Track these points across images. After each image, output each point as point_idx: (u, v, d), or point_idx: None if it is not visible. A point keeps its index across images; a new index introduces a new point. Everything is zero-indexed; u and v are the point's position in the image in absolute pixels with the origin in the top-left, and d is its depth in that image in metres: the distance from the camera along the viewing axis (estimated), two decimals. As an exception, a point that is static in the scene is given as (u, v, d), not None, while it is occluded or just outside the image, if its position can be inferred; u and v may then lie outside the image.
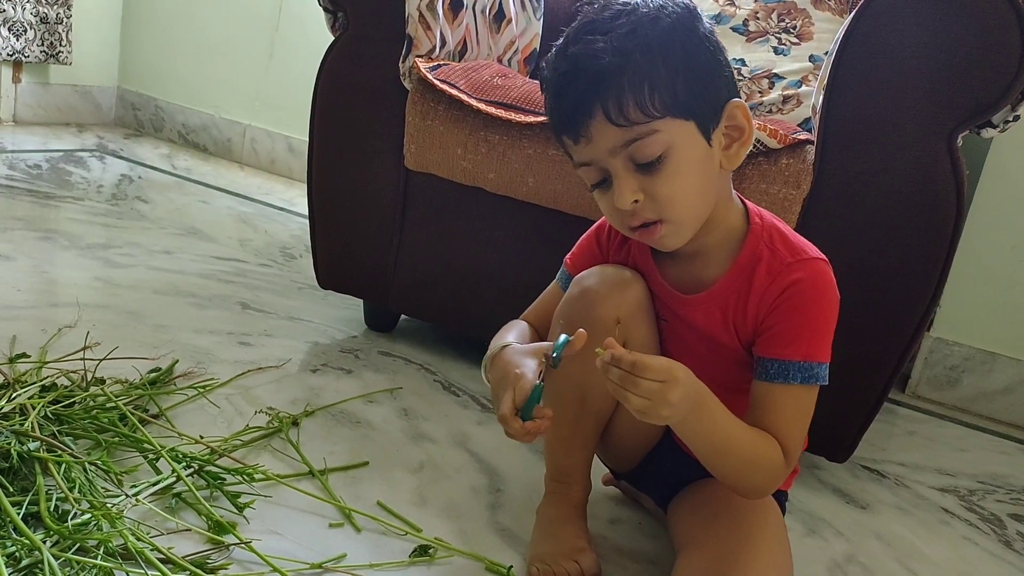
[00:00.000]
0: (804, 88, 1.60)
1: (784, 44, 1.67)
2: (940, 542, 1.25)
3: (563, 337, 0.85)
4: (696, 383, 0.82)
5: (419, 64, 1.40)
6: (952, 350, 1.82)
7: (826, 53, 1.53)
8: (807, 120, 1.53)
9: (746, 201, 0.94)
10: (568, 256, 1.06)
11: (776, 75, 1.64)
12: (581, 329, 0.85)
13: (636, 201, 0.85)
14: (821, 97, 1.19)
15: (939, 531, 1.28)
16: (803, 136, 1.22)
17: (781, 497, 1.02)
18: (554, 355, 0.85)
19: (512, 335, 0.97)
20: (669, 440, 1.04)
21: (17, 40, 2.82)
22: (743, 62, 1.67)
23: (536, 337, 1.00)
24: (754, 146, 1.19)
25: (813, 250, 0.90)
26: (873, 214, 1.17)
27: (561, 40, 0.87)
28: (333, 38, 1.49)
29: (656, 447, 1.05)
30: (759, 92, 1.63)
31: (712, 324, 0.93)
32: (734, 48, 1.70)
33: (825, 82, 1.19)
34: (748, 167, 1.20)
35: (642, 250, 0.98)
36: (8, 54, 2.81)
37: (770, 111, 1.60)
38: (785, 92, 1.60)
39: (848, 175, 1.18)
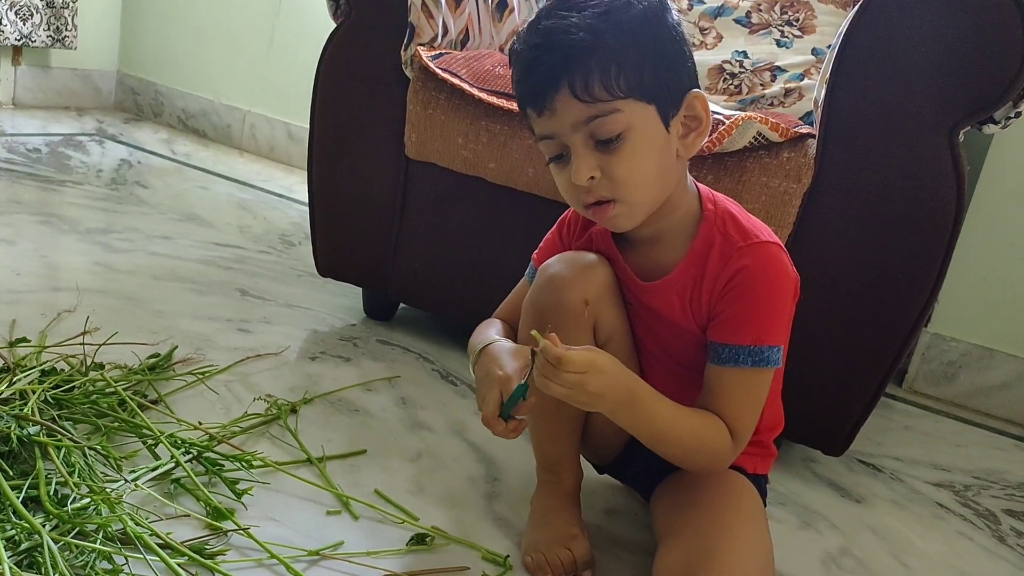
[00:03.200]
0: (806, 81, 1.60)
1: (787, 37, 1.67)
2: (934, 537, 1.26)
3: (540, 337, 0.86)
4: (625, 376, 0.86)
5: (421, 52, 1.40)
6: (950, 346, 1.83)
7: (829, 47, 1.53)
8: (809, 114, 1.53)
9: (700, 186, 0.96)
10: (535, 252, 1.08)
11: (778, 68, 1.63)
12: (553, 333, 0.85)
13: (592, 178, 0.86)
14: (823, 91, 1.19)
15: (934, 526, 1.29)
16: (805, 130, 1.22)
17: (760, 480, 1.03)
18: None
19: (490, 331, 1.00)
20: None
21: (24, 24, 2.80)
22: (745, 54, 1.67)
23: (510, 334, 1.02)
24: (755, 139, 1.19)
25: (765, 233, 0.92)
26: (873, 208, 1.17)
27: (534, 15, 0.89)
28: (335, 25, 1.48)
29: (633, 438, 1.06)
30: (761, 85, 1.63)
31: (671, 310, 0.95)
32: (736, 40, 1.70)
33: (828, 76, 1.18)
34: (749, 160, 1.20)
35: (604, 237, 0.99)
36: (16, 39, 2.79)
37: (772, 104, 1.60)
38: (787, 85, 1.60)
39: (849, 169, 1.18)
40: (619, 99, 0.84)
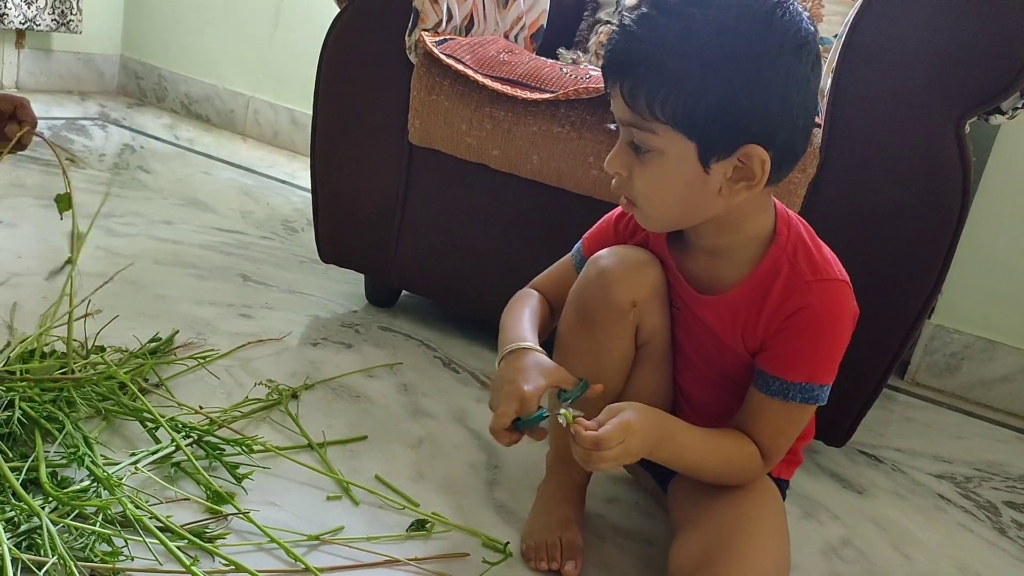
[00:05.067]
0: (812, 71, 1.59)
1: (793, 26, 1.66)
2: (935, 528, 1.25)
3: (582, 383, 0.88)
4: (654, 420, 0.86)
5: (425, 38, 1.39)
6: (953, 337, 1.82)
7: (835, 36, 1.52)
8: (814, 103, 1.52)
9: (779, 205, 0.91)
10: (586, 234, 1.05)
11: (784, 57, 1.62)
12: (599, 385, 0.87)
13: (619, 174, 0.86)
14: (829, 80, 1.18)
15: (934, 517, 1.29)
16: (810, 119, 1.21)
17: (782, 485, 1.03)
18: (566, 400, 0.86)
19: (528, 323, 0.96)
20: None
21: (28, 8, 2.79)
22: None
23: (547, 310, 1.01)
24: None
25: (835, 269, 0.89)
26: (878, 199, 1.16)
27: None
28: (339, 10, 1.47)
29: None
30: (767, 74, 1.62)
31: (721, 326, 0.92)
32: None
33: (833, 65, 1.18)
34: (754, 149, 1.19)
35: (658, 240, 0.97)
36: (21, 22, 2.78)
37: (777, 93, 1.59)
38: (793, 74, 1.59)
39: (854, 159, 1.17)
40: (658, 122, 0.80)
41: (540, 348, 0.91)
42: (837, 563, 1.11)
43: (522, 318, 0.97)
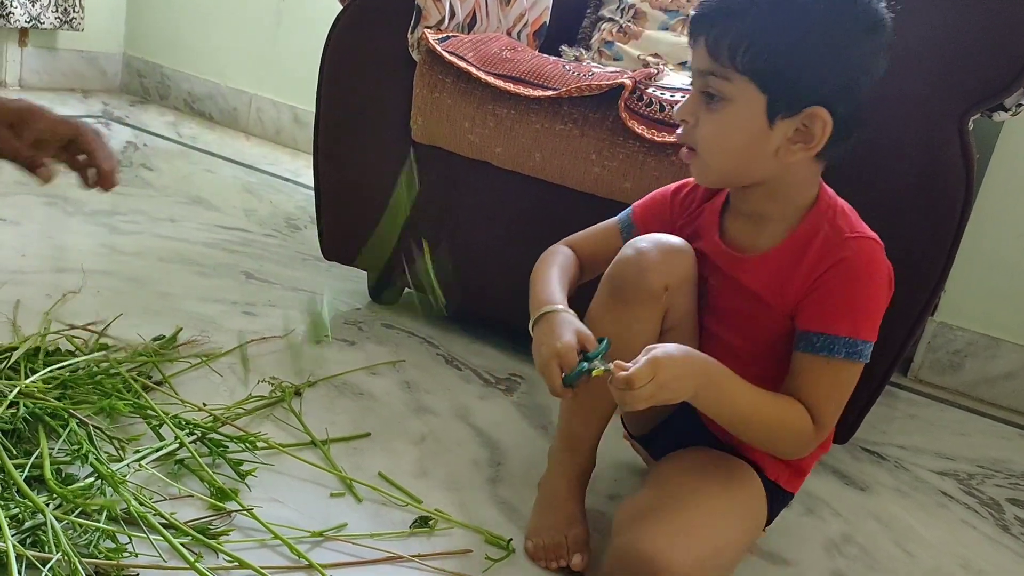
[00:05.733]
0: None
1: (796, 23, 1.65)
2: (938, 525, 1.25)
3: (604, 342, 0.89)
4: (692, 359, 0.85)
5: (428, 35, 1.39)
6: (956, 335, 1.82)
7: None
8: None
9: (825, 186, 0.95)
10: (637, 203, 1.07)
11: (787, 54, 1.62)
12: (619, 361, 0.86)
13: (686, 122, 0.90)
14: (832, 77, 1.18)
15: (937, 514, 1.29)
16: (813, 116, 1.20)
17: (782, 496, 1.02)
18: (591, 358, 0.88)
19: (557, 283, 0.98)
20: (687, 408, 1.04)
21: (32, 6, 2.79)
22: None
23: (577, 269, 1.04)
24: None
25: (870, 231, 0.92)
26: (881, 196, 1.16)
27: None
28: (341, 7, 1.47)
29: (674, 413, 1.06)
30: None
31: (760, 285, 0.94)
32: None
33: (837, 61, 1.17)
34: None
35: (713, 208, 1.00)
36: (25, 20, 2.78)
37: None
38: (796, 71, 1.59)
39: (856, 156, 1.17)
40: (736, 72, 0.85)
41: (568, 309, 0.94)
42: (839, 560, 1.11)
43: (551, 278, 0.99)
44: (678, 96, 1.28)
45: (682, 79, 1.48)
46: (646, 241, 0.97)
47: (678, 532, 0.86)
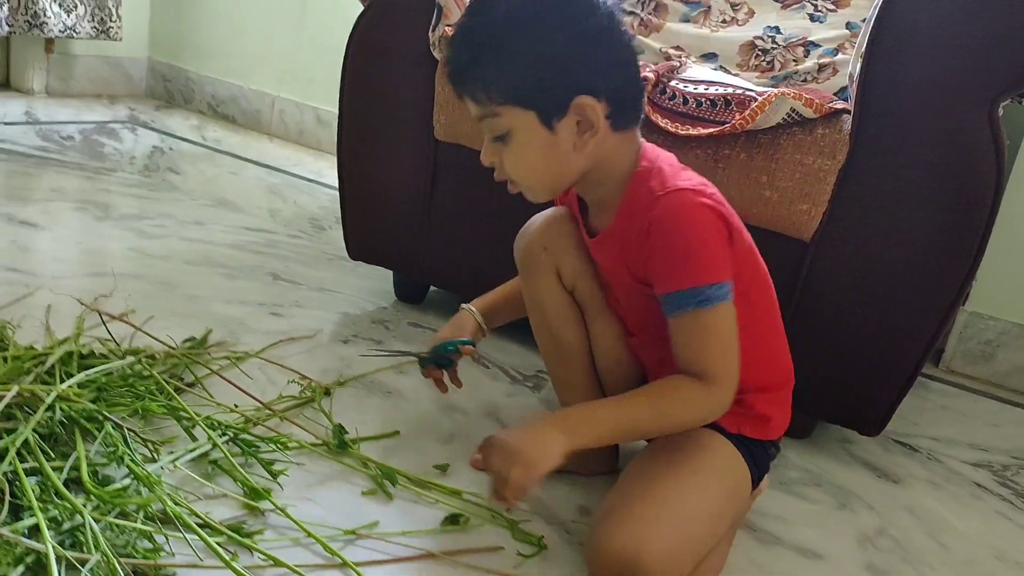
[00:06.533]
0: (840, 56, 1.57)
1: (820, 11, 1.64)
2: (972, 516, 1.24)
3: (455, 343, 1.13)
4: (534, 424, 0.89)
5: (449, 33, 1.39)
6: (987, 324, 1.80)
7: (863, 20, 1.50)
8: (843, 89, 1.50)
9: (646, 147, 0.98)
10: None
11: (812, 43, 1.60)
12: (469, 347, 1.12)
13: (493, 163, 0.96)
14: (858, 65, 1.17)
15: (971, 506, 1.27)
16: (839, 105, 1.19)
17: (747, 443, 1.00)
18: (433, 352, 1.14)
19: (500, 288, 1.20)
20: None
21: (68, 16, 2.81)
22: (777, 30, 1.64)
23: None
24: (789, 116, 1.17)
25: (683, 180, 0.93)
26: (910, 185, 1.15)
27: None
28: (363, 7, 1.48)
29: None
30: (794, 60, 1.60)
31: (613, 263, 1.00)
32: (768, 15, 1.67)
33: (862, 50, 1.16)
34: (783, 137, 1.19)
35: (571, 200, 1.07)
36: (60, 30, 2.79)
37: (805, 80, 1.57)
38: (821, 60, 1.57)
39: (885, 146, 1.16)
40: (498, 105, 0.91)
41: (471, 308, 1.17)
42: (873, 553, 1.10)
43: (504, 284, 1.19)
44: (701, 88, 1.27)
45: (705, 71, 1.47)
46: (534, 218, 1.08)
47: (648, 524, 0.87)
